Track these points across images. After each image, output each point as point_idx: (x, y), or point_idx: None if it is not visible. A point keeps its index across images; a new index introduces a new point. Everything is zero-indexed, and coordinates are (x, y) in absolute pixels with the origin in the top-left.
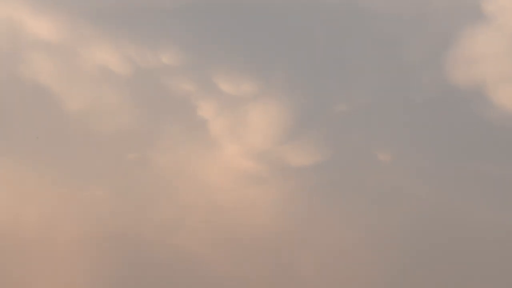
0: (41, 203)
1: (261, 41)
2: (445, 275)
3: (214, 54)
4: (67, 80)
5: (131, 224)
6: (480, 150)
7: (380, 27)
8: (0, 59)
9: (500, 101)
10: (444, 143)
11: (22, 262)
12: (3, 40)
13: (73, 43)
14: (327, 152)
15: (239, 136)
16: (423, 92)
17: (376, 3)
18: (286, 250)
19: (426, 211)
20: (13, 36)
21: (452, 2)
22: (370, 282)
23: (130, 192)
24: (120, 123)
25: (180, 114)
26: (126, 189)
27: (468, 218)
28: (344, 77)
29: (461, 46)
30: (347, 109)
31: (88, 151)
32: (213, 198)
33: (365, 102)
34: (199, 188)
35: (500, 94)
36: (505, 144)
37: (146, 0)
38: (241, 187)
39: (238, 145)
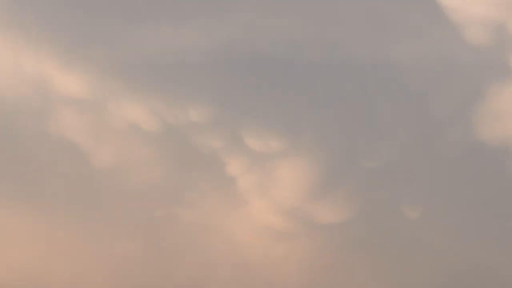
0: (71, 259)
1: (289, 97)
2: None
3: (242, 111)
4: (95, 136)
5: (159, 280)
6: (509, 207)
7: (408, 82)
8: (28, 115)
9: None
10: (472, 199)
11: None
12: (31, 96)
13: (102, 99)
14: (355, 209)
15: (267, 192)
16: (451, 148)
17: (404, 58)
18: None
19: (455, 268)
20: (41, 91)
21: (479, 57)
22: None
23: (158, 248)
24: (149, 179)
25: (208, 171)
26: (155, 245)
27: (497, 275)
28: (373, 133)
29: (488, 102)
30: (375, 166)
31: (117, 207)
32: (240, 254)
33: (393, 159)
34: (227, 244)
35: None
36: None
37: (176, 56)
38: (269, 243)
39: (266, 201)
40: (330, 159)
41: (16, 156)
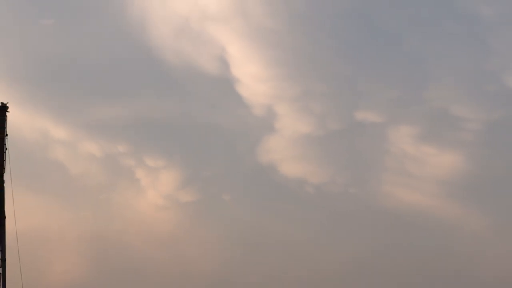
0: None
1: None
2: None
3: None
4: None
5: None
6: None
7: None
8: None
9: (285, 171)
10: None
11: None
12: None
13: None
14: (199, 195)
15: (155, 187)
16: (246, 168)
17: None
18: None
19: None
20: None
21: (256, 122)
22: None
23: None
24: None
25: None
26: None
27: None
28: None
29: (263, 146)
30: (211, 174)
31: None
32: (140, 216)
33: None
34: (133, 211)
35: (286, 167)
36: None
37: None
38: (156, 212)
39: (155, 191)
40: (187, 171)
41: None
